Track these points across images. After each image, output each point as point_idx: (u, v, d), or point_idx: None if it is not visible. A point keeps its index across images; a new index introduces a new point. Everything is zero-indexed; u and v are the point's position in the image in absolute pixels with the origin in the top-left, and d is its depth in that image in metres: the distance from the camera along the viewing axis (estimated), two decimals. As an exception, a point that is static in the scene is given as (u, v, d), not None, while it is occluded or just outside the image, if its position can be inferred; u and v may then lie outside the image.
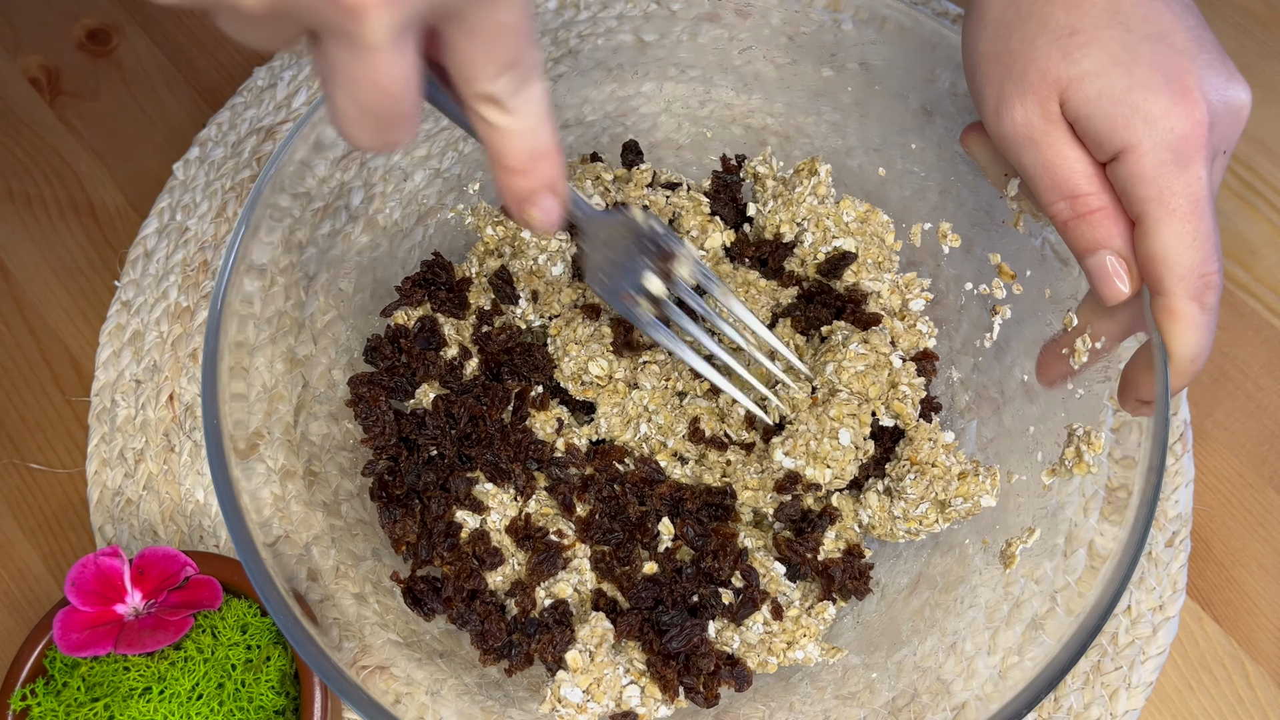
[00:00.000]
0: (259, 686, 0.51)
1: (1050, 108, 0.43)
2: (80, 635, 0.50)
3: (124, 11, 0.78)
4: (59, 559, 0.62)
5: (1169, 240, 0.41)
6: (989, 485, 0.52)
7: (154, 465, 0.63)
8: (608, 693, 0.48)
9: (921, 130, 0.59)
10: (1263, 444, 0.65)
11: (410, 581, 0.53)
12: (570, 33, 0.61)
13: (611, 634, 0.50)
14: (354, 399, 0.56)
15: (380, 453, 0.55)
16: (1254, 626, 0.60)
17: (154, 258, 0.68)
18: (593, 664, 0.48)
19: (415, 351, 0.56)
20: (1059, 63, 0.42)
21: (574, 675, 0.47)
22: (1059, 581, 0.48)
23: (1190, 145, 0.41)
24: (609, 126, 0.65)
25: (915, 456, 0.53)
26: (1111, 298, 0.44)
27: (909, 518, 0.53)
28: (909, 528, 0.53)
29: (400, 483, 0.55)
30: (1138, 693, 0.58)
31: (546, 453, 0.55)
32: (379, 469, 0.55)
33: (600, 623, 0.50)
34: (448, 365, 0.57)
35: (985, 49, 0.45)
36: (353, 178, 0.57)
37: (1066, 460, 0.50)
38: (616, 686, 0.48)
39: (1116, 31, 0.42)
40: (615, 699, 0.48)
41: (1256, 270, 0.69)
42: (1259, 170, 0.72)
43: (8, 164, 0.73)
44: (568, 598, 0.52)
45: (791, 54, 0.60)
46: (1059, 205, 0.44)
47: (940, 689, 0.50)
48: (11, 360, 0.67)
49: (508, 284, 0.58)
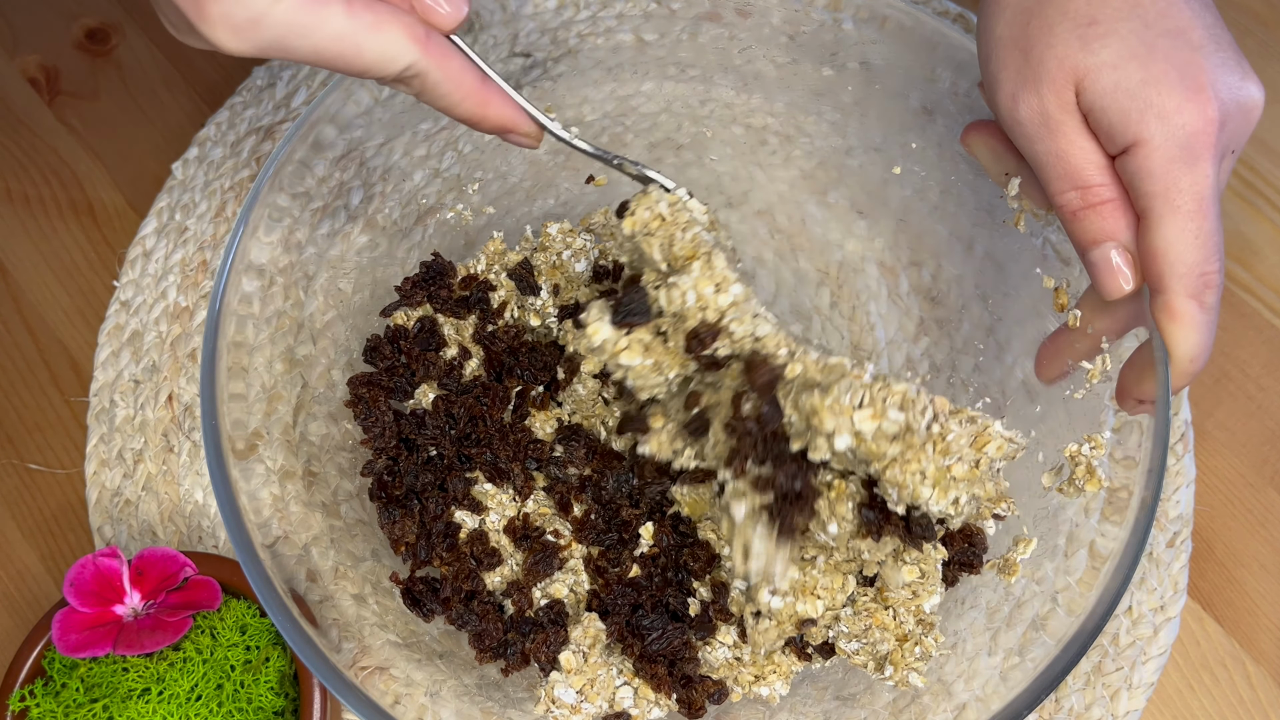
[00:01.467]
0: (258, 687, 0.51)
1: (1066, 96, 0.43)
2: (79, 636, 0.50)
3: (123, 11, 0.78)
4: (58, 560, 0.62)
5: (1172, 237, 0.41)
6: (919, 661, 0.48)
7: (153, 466, 0.63)
8: (601, 693, 0.48)
9: (922, 130, 0.59)
10: (1264, 444, 0.65)
11: (409, 583, 0.53)
12: (570, 32, 0.61)
13: (604, 634, 0.50)
14: (353, 399, 0.55)
15: (379, 453, 0.55)
16: (1255, 627, 0.60)
17: (153, 258, 0.68)
18: (586, 664, 0.48)
19: (415, 352, 0.56)
20: (1077, 52, 0.42)
21: (568, 676, 0.47)
22: (1060, 582, 0.48)
23: (1200, 142, 0.41)
24: (609, 126, 0.65)
25: (876, 613, 0.49)
26: (1113, 292, 0.44)
27: (839, 645, 0.50)
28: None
29: (400, 483, 0.54)
30: (1139, 693, 0.58)
31: (545, 452, 0.55)
32: (378, 469, 0.55)
33: (593, 623, 0.50)
34: (447, 365, 0.57)
35: (1002, 33, 0.45)
36: (352, 177, 0.56)
37: (1077, 479, 0.49)
38: (610, 687, 0.48)
39: (1135, 25, 0.42)
40: (609, 699, 0.48)
41: (1258, 270, 0.69)
42: (1261, 170, 0.72)
43: (7, 164, 0.73)
44: (563, 598, 0.52)
45: (791, 53, 0.60)
46: (1068, 195, 0.44)
47: (941, 689, 0.49)
48: (10, 360, 0.67)
49: (529, 275, 0.58)
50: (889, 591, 0.49)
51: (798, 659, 0.51)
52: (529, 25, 0.60)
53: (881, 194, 0.62)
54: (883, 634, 0.48)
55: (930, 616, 0.49)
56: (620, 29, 0.61)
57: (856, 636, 0.49)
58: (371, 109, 0.55)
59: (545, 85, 0.62)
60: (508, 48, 0.59)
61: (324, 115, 0.53)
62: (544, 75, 0.62)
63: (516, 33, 0.59)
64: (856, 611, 0.49)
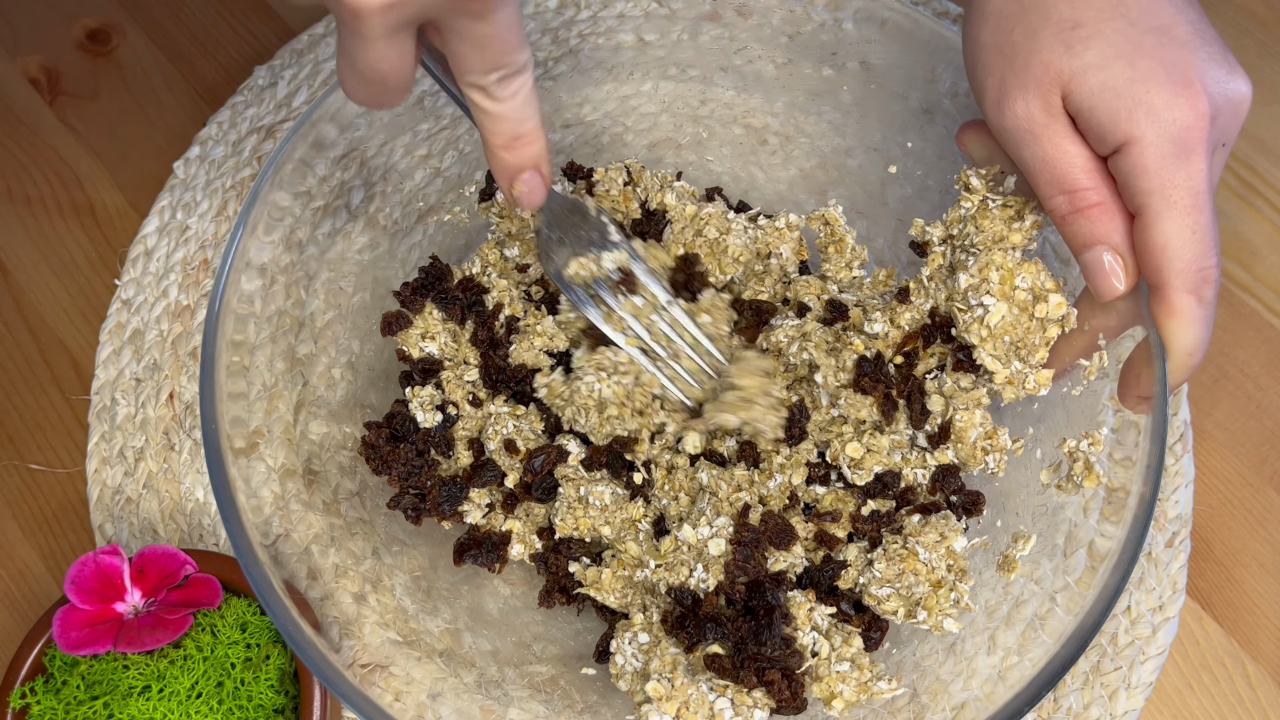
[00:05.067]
0: (258, 685, 0.51)
1: (1052, 101, 0.43)
2: (79, 633, 0.50)
3: (124, 11, 0.78)
4: (58, 558, 0.62)
5: (1169, 233, 0.41)
6: (953, 608, 0.49)
7: (154, 464, 0.63)
8: (699, 712, 0.47)
9: (921, 130, 0.59)
10: (1263, 444, 0.65)
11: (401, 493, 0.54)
12: (570, 32, 0.61)
13: (682, 657, 0.49)
14: (369, 461, 0.56)
15: (404, 490, 0.55)
16: (1254, 626, 0.60)
17: (154, 256, 0.69)
18: (675, 689, 0.47)
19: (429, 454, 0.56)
20: (1061, 55, 0.42)
21: (659, 704, 0.47)
22: (1058, 581, 0.48)
23: (1192, 137, 0.41)
24: (609, 126, 0.65)
25: (911, 548, 0.50)
26: (1106, 293, 0.44)
27: (870, 591, 0.51)
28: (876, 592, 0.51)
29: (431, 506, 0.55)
30: (1137, 693, 0.58)
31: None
32: (404, 505, 0.55)
33: (667, 651, 0.49)
34: (468, 473, 0.56)
35: (987, 40, 0.45)
36: (353, 177, 0.57)
37: (1075, 476, 0.50)
38: (706, 704, 0.47)
39: (1119, 25, 0.42)
40: (708, 716, 0.48)
41: (1257, 270, 0.69)
42: (1259, 170, 0.72)
43: (8, 164, 0.73)
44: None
45: (791, 54, 0.60)
46: (1057, 199, 0.44)
47: (940, 689, 0.50)
48: (11, 360, 0.67)
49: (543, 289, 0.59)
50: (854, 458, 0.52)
51: (824, 604, 0.51)
52: (529, 25, 0.60)
53: (881, 194, 0.62)
54: (916, 578, 0.49)
55: (960, 560, 0.50)
56: (621, 29, 0.61)
57: (889, 581, 0.50)
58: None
59: (546, 85, 0.62)
60: (508, 48, 0.59)
61: (325, 114, 0.53)
62: (544, 75, 0.62)
63: (517, 33, 0.59)
64: (889, 557, 0.50)
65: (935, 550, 0.49)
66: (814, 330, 0.54)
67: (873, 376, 0.52)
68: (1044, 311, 0.47)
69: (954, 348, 0.50)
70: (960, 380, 0.50)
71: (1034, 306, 0.47)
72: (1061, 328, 0.48)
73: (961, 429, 0.51)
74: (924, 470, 0.53)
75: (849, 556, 0.52)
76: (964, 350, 0.50)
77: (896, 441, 0.52)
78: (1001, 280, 0.47)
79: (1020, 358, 0.48)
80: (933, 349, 0.51)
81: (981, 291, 0.47)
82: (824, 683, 0.48)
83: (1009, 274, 0.47)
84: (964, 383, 0.50)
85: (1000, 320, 0.47)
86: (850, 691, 0.48)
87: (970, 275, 0.48)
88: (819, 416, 0.54)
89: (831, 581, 0.52)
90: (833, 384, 0.53)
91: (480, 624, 0.54)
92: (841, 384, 0.53)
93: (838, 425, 0.54)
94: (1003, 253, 0.47)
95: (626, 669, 0.50)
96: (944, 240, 0.51)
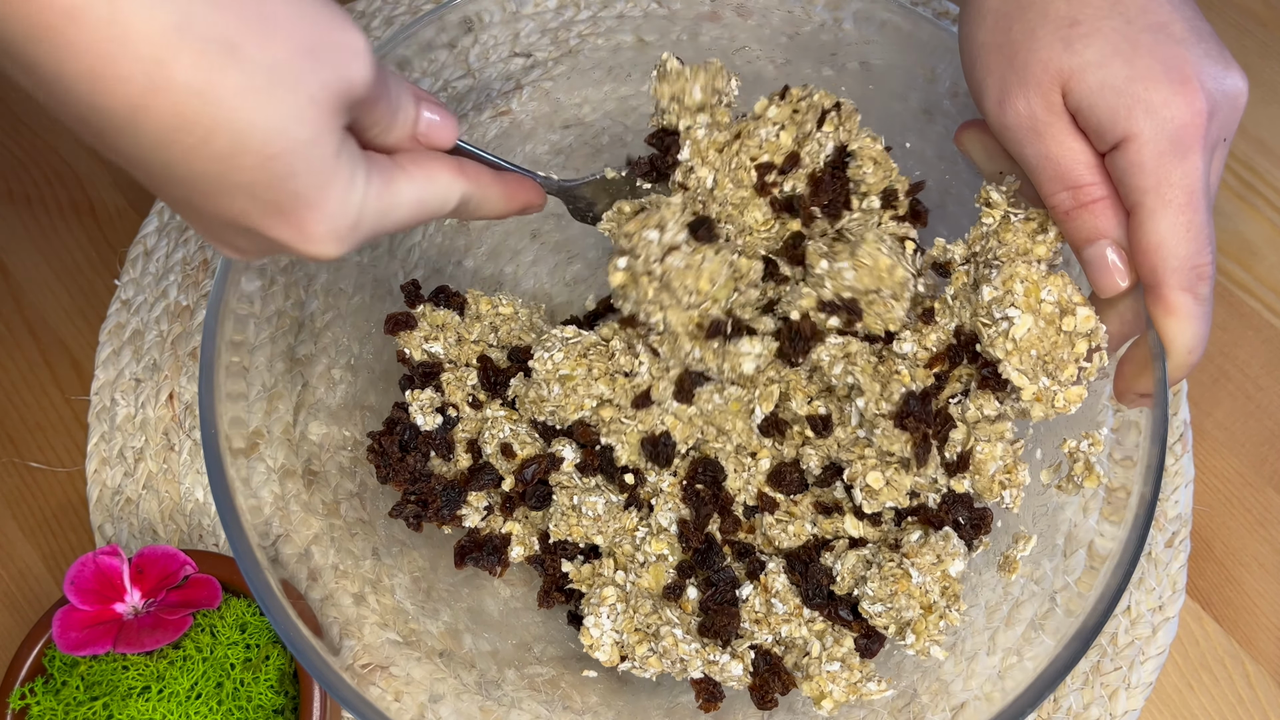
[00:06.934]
0: (258, 685, 0.51)
1: (1052, 98, 0.43)
2: (79, 634, 0.50)
3: (124, 11, 0.78)
4: (58, 558, 0.62)
5: (1164, 231, 0.41)
6: (941, 634, 0.48)
7: (153, 464, 0.63)
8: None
9: (921, 130, 0.59)
10: (1263, 444, 0.65)
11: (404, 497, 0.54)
12: (570, 32, 0.61)
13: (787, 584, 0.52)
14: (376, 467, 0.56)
15: (406, 498, 0.55)
16: (1254, 626, 0.60)
17: (154, 256, 0.69)
18: (774, 610, 0.51)
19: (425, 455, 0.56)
20: (1060, 54, 0.42)
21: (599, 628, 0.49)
22: (1058, 582, 0.48)
23: (1190, 134, 0.41)
24: (609, 126, 0.65)
25: (909, 566, 0.50)
26: (1109, 289, 0.44)
27: (863, 606, 0.51)
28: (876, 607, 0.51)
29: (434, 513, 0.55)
30: (1137, 693, 0.58)
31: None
32: (407, 514, 0.55)
33: (778, 578, 0.52)
34: (465, 475, 0.56)
35: (985, 40, 0.45)
36: (352, 177, 0.56)
37: (1075, 476, 0.49)
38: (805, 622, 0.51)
39: (1117, 23, 0.42)
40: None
41: (1256, 270, 0.69)
42: (1259, 170, 0.72)
43: (8, 164, 0.73)
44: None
45: (791, 54, 0.60)
46: (1060, 196, 0.44)
47: (940, 689, 0.50)
48: (11, 360, 0.67)
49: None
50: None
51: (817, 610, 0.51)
52: (529, 25, 0.60)
53: (881, 194, 0.62)
54: (908, 601, 0.49)
55: (955, 585, 0.49)
56: (621, 29, 0.61)
57: (881, 600, 0.49)
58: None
59: (545, 85, 0.62)
60: (508, 48, 0.60)
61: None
62: (544, 75, 0.62)
63: (517, 33, 0.59)
64: (883, 576, 0.49)
65: (930, 574, 0.48)
66: (859, 352, 0.51)
67: (917, 416, 0.50)
68: (1072, 325, 0.46)
69: (980, 365, 0.49)
70: (984, 407, 0.49)
71: (1061, 320, 0.46)
72: (1090, 343, 0.46)
73: (981, 460, 0.49)
74: (935, 494, 0.51)
75: (847, 565, 0.51)
76: (990, 367, 0.48)
77: (919, 484, 0.51)
78: (1026, 292, 0.46)
79: (1048, 373, 0.46)
80: (959, 370, 0.50)
81: (1006, 304, 0.46)
82: (814, 682, 0.48)
83: (1034, 286, 0.46)
84: (988, 410, 0.49)
85: (1026, 333, 0.46)
86: (840, 691, 0.48)
87: (994, 288, 0.47)
88: (842, 433, 0.53)
89: (828, 587, 0.52)
90: (873, 412, 0.51)
91: (480, 625, 0.54)
92: (882, 413, 0.51)
93: (861, 446, 0.52)
94: (1026, 265, 0.46)
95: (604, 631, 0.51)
96: (966, 259, 0.50)
